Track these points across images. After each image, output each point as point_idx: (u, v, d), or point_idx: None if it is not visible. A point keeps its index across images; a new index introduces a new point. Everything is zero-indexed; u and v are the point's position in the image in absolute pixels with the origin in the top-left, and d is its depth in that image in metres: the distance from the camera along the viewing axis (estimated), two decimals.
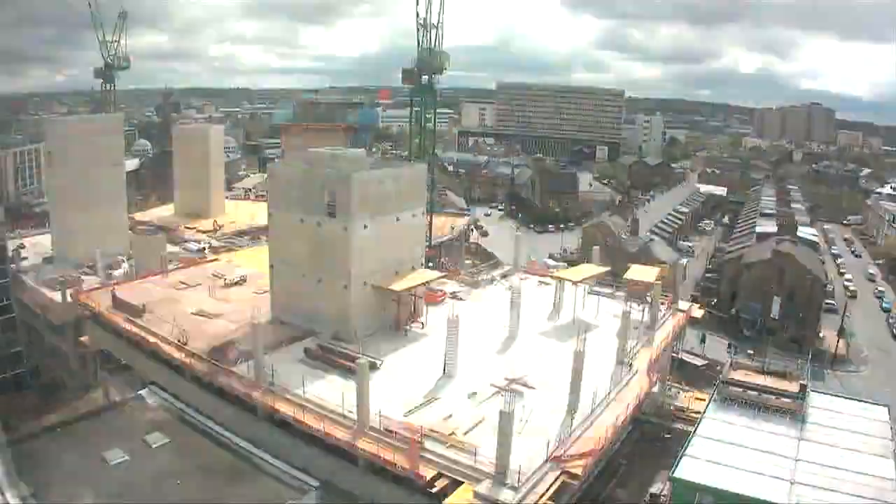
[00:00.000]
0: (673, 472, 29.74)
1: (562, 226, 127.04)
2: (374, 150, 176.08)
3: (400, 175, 47.52)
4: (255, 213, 79.56)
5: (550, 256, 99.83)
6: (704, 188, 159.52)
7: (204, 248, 68.27)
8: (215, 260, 60.62)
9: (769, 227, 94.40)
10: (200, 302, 47.52)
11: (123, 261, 61.91)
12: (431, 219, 66.99)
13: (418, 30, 65.50)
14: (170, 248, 64.25)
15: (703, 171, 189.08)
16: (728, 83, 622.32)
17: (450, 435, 29.43)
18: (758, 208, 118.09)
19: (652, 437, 42.37)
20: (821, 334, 72.11)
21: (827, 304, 78.12)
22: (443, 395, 34.49)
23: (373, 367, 34.42)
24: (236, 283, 52.06)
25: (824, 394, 39.11)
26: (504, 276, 56.12)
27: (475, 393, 34.33)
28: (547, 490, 26.81)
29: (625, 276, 49.70)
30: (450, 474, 27.52)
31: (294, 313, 43.65)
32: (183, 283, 52.13)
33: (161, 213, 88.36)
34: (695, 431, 33.46)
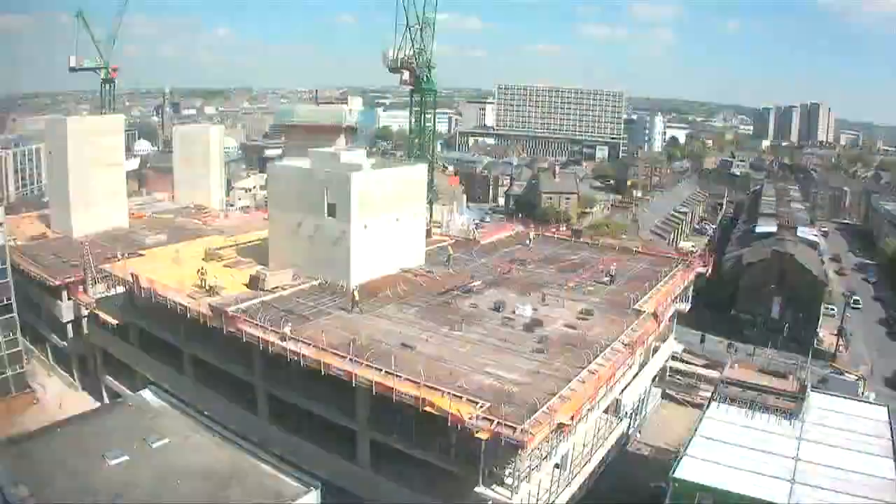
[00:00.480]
0: (673, 472, 29.75)
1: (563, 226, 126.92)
2: (374, 150, 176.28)
3: (400, 175, 47.55)
4: None
5: None
6: (704, 188, 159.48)
7: None
8: None
9: (769, 227, 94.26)
10: None
11: None
12: (432, 217, 67.04)
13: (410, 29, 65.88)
14: None
15: (704, 170, 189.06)
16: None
17: None
18: (758, 208, 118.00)
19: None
20: (820, 334, 72.07)
21: (828, 308, 77.55)
22: None
23: None
24: None
25: (824, 393, 39.15)
26: None
27: None
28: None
29: None
30: None
31: None
32: None
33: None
34: (695, 431, 33.47)
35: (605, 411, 36.91)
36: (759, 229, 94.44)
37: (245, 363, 36.88)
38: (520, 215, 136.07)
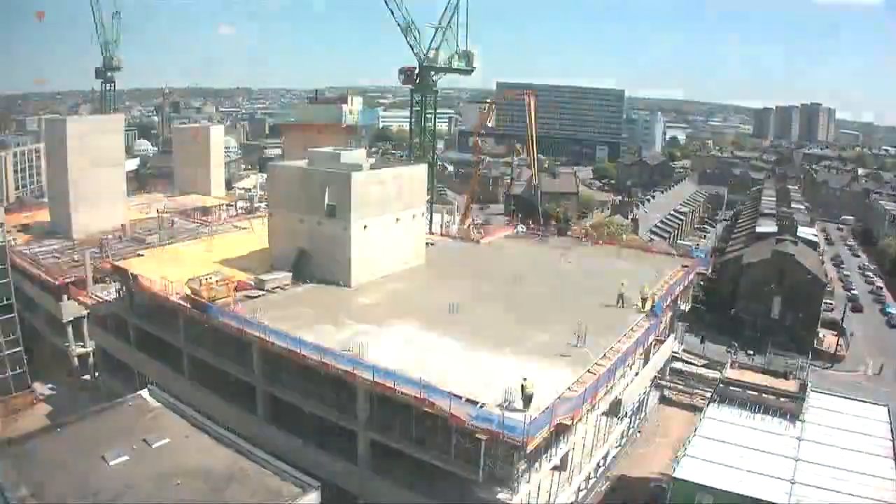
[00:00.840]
0: (673, 472, 29.78)
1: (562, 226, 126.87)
2: (374, 150, 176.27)
3: (400, 175, 47.54)
4: None
5: None
6: (704, 188, 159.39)
7: None
8: None
9: (769, 227, 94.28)
10: None
11: None
12: (432, 218, 67.02)
13: (416, 30, 65.72)
14: None
15: (704, 170, 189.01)
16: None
17: None
18: (758, 208, 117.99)
19: None
20: (820, 334, 72.11)
21: (826, 304, 77.43)
22: None
23: None
24: None
25: (824, 394, 39.15)
26: None
27: None
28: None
29: None
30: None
31: None
32: None
33: None
34: (695, 431, 33.50)
35: (606, 412, 36.90)
36: (759, 229, 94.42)
37: (244, 363, 36.94)
38: (519, 215, 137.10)
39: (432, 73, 68.42)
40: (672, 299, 45.05)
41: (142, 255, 50.57)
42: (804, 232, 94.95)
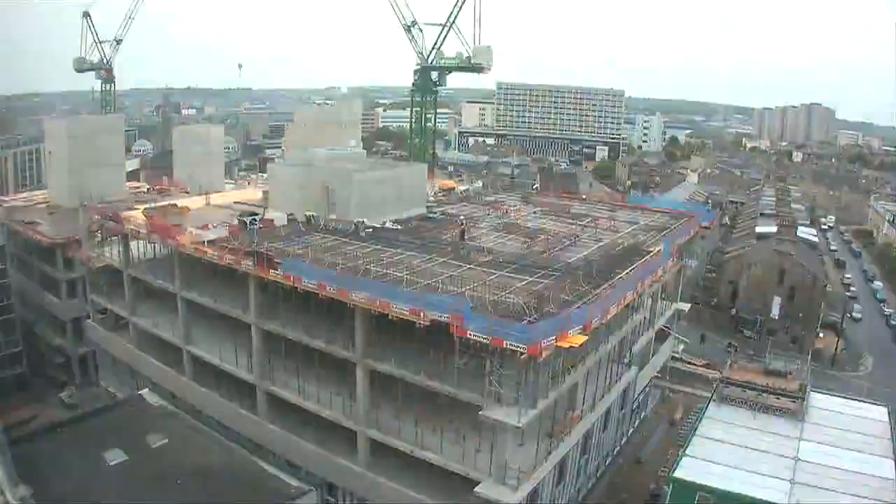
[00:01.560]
0: (673, 472, 29.76)
1: None
2: (373, 150, 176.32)
3: (400, 175, 47.56)
4: None
5: None
6: (704, 188, 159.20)
7: None
8: None
9: (769, 227, 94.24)
10: None
11: None
12: None
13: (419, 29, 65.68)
14: None
15: (703, 171, 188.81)
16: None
17: None
18: (758, 208, 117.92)
19: None
20: (820, 334, 72.10)
21: (832, 316, 77.02)
22: None
23: None
24: None
25: (824, 394, 39.13)
26: None
27: None
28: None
29: None
30: None
31: None
32: None
33: None
34: (694, 431, 33.45)
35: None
36: (759, 229, 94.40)
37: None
38: None
39: (436, 72, 68.34)
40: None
41: None
42: (804, 232, 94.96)
